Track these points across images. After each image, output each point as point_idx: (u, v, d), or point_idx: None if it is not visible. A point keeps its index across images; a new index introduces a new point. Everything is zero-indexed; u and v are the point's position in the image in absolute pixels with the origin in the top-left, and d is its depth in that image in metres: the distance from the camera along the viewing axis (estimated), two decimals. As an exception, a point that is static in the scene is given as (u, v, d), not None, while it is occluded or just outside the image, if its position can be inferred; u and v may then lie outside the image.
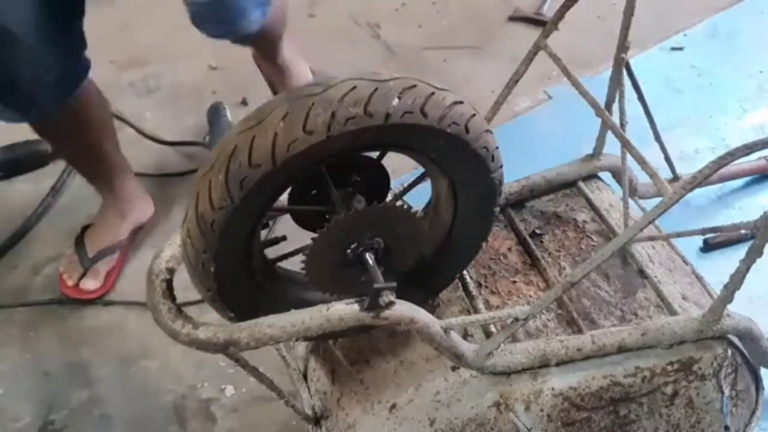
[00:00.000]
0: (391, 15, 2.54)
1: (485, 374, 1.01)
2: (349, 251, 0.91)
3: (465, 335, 1.08)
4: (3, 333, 1.71)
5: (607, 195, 1.34)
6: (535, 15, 2.48)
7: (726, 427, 1.14)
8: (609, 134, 1.29)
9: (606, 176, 1.40)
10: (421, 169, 1.00)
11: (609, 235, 1.25)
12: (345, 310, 0.88)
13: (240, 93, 2.21)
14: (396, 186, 1.06)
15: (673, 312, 1.11)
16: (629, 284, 1.16)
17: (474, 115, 0.87)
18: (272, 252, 1.00)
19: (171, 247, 1.03)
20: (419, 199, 1.06)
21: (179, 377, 1.59)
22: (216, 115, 2.11)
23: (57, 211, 1.97)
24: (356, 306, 0.88)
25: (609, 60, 1.24)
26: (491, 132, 0.91)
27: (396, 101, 0.80)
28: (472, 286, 1.16)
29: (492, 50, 2.33)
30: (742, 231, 0.94)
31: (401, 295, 0.90)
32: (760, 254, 0.92)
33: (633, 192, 1.40)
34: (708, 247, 1.69)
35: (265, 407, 1.49)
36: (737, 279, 0.95)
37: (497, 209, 1.01)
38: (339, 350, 1.15)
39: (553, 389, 1.02)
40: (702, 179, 0.84)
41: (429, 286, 1.09)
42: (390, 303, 0.87)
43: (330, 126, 0.78)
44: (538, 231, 1.27)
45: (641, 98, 1.28)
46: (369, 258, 0.91)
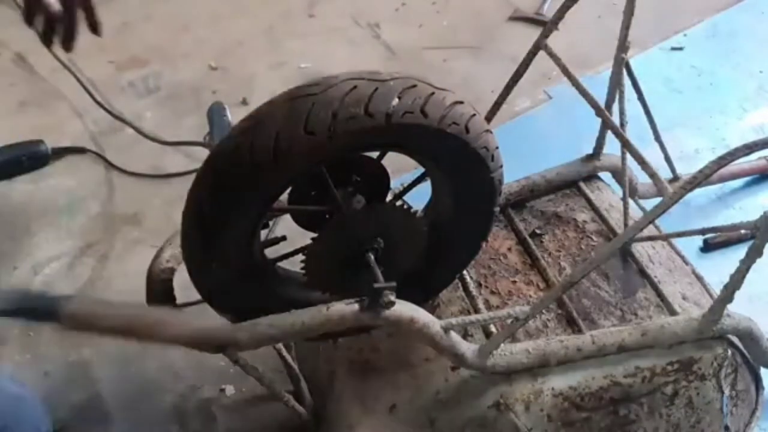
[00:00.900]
0: (391, 15, 2.54)
1: (485, 374, 1.01)
2: (349, 251, 0.91)
3: (465, 335, 1.08)
4: (3, 333, 1.71)
5: (607, 195, 1.34)
6: (535, 15, 2.48)
7: (726, 427, 1.13)
8: (609, 134, 1.29)
9: (606, 176, 1.40)
10: (421, 169, 1.00)
11: (609, 235, 1.25)
12: (345, 310, 0.88)
13: (240, 93, 2.21)
14: (396, 186, 1.06)
15: (673, 312, 1.11)
16: (629, 284, 1.16)
17: (474, 115, 0.87)
18: (272, 252, 1.00)
19: (171, 247, 1.04)
20: (419, 199, 1.06)
21: (179, 377, 1.58)
22: (216, 115, 2.10)
23: (57, 211, 1.97)
24: (356, 306, 0.88)
25: (609, 60, 1.24)
26: (491, 132, 0.91)
27: (396, 101, 0.79)
28: (472, 286, 1.16)
29: (492, 50, 2.33)
30: (742, 231, 0.94)
31: (401, 295, 0.90)
32: (760, 254, 0.92)
33: (633, 192, 1.40)
34: (708, 247, 1.69)
35: (265, 407, 1.49)
36: (737, 279, 0.95)
37: (497, 208, 1.01)
38: (339, 350, 1.15)
39: (553, 389, 1.02)
40: (702, 179, 0.84)
41: (429, 286, 1.09)
42: (390, 303, 0.87)
43: (331, 126, 0.77)
44: (538, 231, 1.27)
45: (641, 98, 1.28)
46: (369, 258, 0.91)
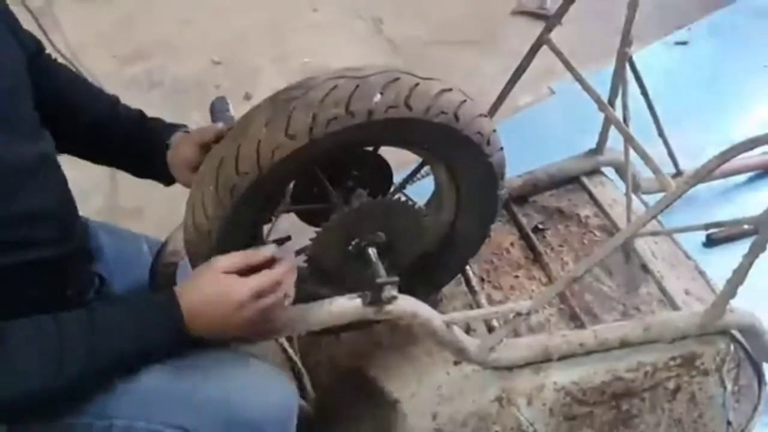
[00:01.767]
0: (394, 10, 2.54)
1: (487, 369, 1.01)
2: (351, 246, 0.91)
3: (467, 330, 1.08)
4: None
5: (610, 190, 1.34)
6: (539, 10, 2.48)
7: (728, 422, 1.14)
8: (612, 129, 1.29)
9: (609, 171, 1.40)
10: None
11: (612, 230, 1.24)
12: (348, 305, 0.88)
13: (243, 87, 2.21)
14: (398, 181, 1.06)
15: (676, 307, 1.11)
16: (632, 279, 1.16)
17: (464, 101, 0.85)
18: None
19: (174, 242, 1.04)
20: (424, 193, 1.06)
21: (182, 371, 1.59)
22: (219, 110, 2.10)
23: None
24: (359, 301, 0.88)
25: (612, 55, 1.24)
26: (486, 116, 0.88)
27: (378, 97, 0.78)
28: (475, 281, 1.16)
29: (495, 45, 2.33)
30: (745, 226, 0.94)
31: (404, 290, 0.90)
32: (763, 249, 0.92)
33: (636, 187, 1.40)
34: (711, 243, 1.69)
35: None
36: (740, 274, 0.95)
37: (501, 192, 0.99)
38: (342, 345, 1.15)
39: (556, 384, 1.02)
40: (705, 174, 0.84)
41: (432, 281, 1.09)
42: (392, 298, 0.87)
43: (312, 129, 0.76)
44: (541, 226, 1.27)
45: (644, 93, 1.28)
46: (371, 253, 0.91)
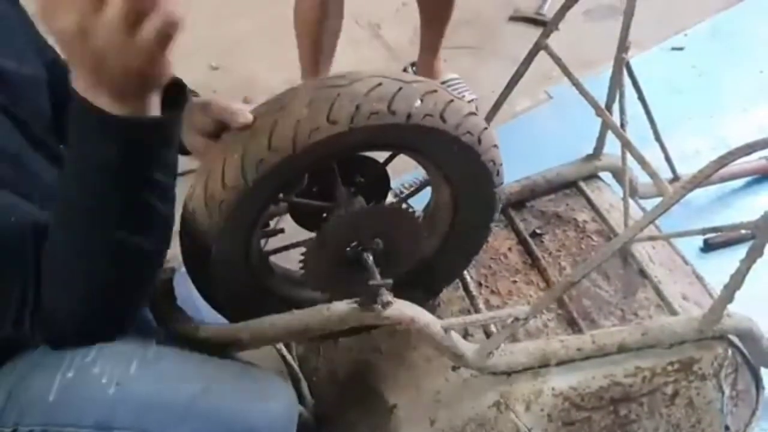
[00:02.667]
0: (392, 15, 2.54)
1: (485, 374, 1.01)
2: (349, 249, 0.91)
3: (465, 335, 1.08)
4: None
5: (608, 195, 1.34)
6: (536, 15, 2.48)
7: (726, 427, 1.13)
8: (609, 134, 1.29)
9: (606, 176, 1.40)
10: (420, 173, 1.00)
11: (609, 235, 1.25)
12: (346, 310, 0.88)
13: (241, 93, 2.21)
14: (396, 187, 1.06)
15: (674, 312, 1.11)
16: (630, 284, 1.16)
17: (486, 129, 0.88)
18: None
19: (171, 247, 1.04)
20: (418, 201, 1.06)
21: (180, 377, 1.58)
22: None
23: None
24: (356, 306, 0.88)
25: (609, 60, 1.24)
26: (498, 147, 0.92)
27: (418, 102, 0.81)
28: (473, 286, 1.16)
29: (492, 50, 2.33)
30: (743, 231, 0.94)
31: (402, 295, 0.90)
32: (761, 254, 0.92)
33: (633, 192, 1.40)
34: (708, 247, 1.69)
35: (266, 407, 1.49)
36: (737, 279, 0.95)
37: (493, 224, 1.01)
38: (339, 350, 1.15)
39: (554, 389, 1.02)
40: (702, 179, 0.84)
41: (430, 286, 1.09)
42: (387, 303, 0.87)
43: (353, 118, 0.78)
44: (539, 231, 1.27)
45: (641, 98, 1.28)
46: (367, 257, 0.91)
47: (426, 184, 1.04)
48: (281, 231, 1.03)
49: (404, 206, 0.95)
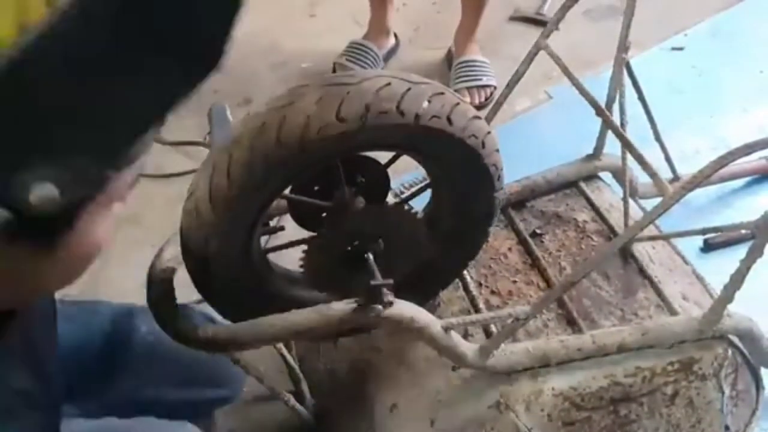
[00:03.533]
0: (393, 15, 2.54)
1: (485, 374, 1.01)
2: (350, 249, 0.91)
3: (465, 335, 1.08)
4: None
5: (608, 195, 1.34)
6: (536, 15, 2.48)
7: (726, 427, 1.13)
8: (609, 134, 1.29)
9: (606, 176, 1.40)
10: (420, 174, 1.00)
11: (609, 235, 1.25)
12: (346, 310, 0.88)
13: (241, 92, 2.21)
14: (395, 187, 1.06)
15: (674, 312, 1.11)
16: (630, 284, 1.16)
17: (489, 132, 0.88)
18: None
19: (171, 247, 1.04)
20: (416, 202, 1.06)
21: (180, 377, 1.59)
22: (217, 116, 2.10)
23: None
24: (357, 306, 0.88)
25: (609, 60, 1.24)
26: (499, 152, 0.92)
27: (426, 104, 0.81)
28: (473, 286, 1.16)
29: (492, 50, 2.33)
30: (743, 231, 0.94)
31: (401, 296, 0.90)
32: (761, 254, 0.92)
33: (633, 192, 1.40)
34: (708, 247, 1.69)
35: (266, 407, 1.49)
36: (738, 279, 0.95)
37: (491, 229, 1.02)
38: (339, 350, 1.15)
39: (554, 389, 1.02)
40: (702, 179, 0.84)
41: (430, 286, 1.09)
42: (389, 303, 0.87)
43: (363, 117, 0.78)
44: (539, 231, 1.27)
45: (641, 98, 1.28)
46: (368, 257, 0.91)
47: (427, 186, 1.04)
48: (281, 229, 1.03)
49: (406, 207, 0.95)
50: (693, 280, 1.22)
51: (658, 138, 1.37)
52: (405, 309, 0.90)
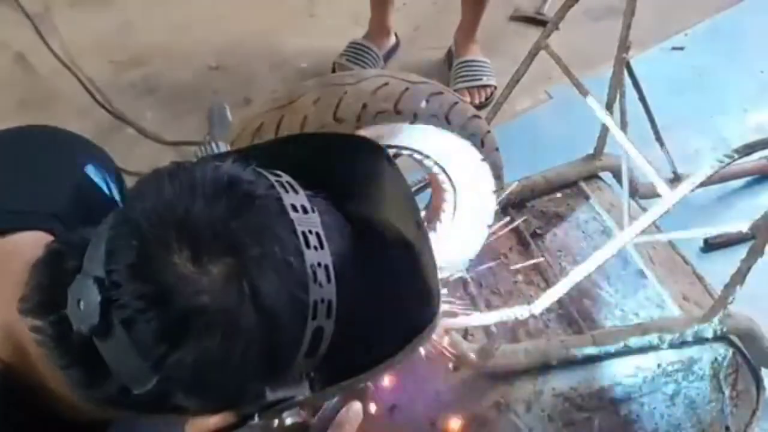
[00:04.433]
0: (393, 14, 2.54)
1: (486, 374, 1.01)
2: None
3: (466, 335, 1.07)
4: None
5: (608, 195, 1.34)
6: (536, 15, 2.48)
7: (726, 427, 1.13)
8: (610, 134, 1.29)
9: (607, 176, 1.40)
10: (420, 173, 1.00)
11: (610, 235, 1.24)
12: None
13: (240, 92, 2.21)
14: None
15: (674, 312, 1.10)
16: (630, 284, 1.16)
17: (489, 132, 0.88)
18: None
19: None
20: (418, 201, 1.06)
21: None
22: (217, 115, 2.10)
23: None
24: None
25: (610, 60, 1.24)
26: (499, 150, 0.92)
27: (424, 103, 0.81)
28: (473, 286, 1.15)
29: (493, 50, 2.33)
30: (743, 231, 0.94)
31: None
32: (761, 254, 0.92)
33: (634, 192, 1.40)
34: (709, 247, 1.69)
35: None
36: (738, 279, 0.95)
37: (490, 224, 1.01)
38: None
39: (554, 389, 1.02)
40: (703, 179, 0.84)
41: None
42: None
43: (360, 117, 0.78)
44: (539, 231, 1.27)
45: (642, 98, 1.28)
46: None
47: (427, 185, 1.04)
48: None
49: None
50: (693, 280, 1.22)
51: (659, 138, 1.37)
52: (405, 309, 0.90)
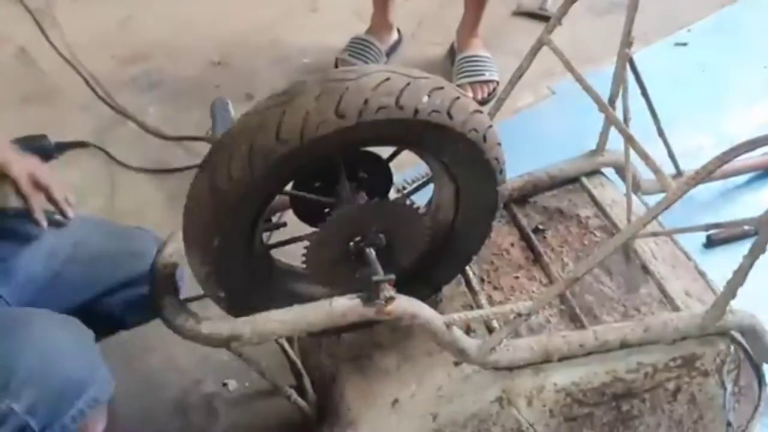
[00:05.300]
0: (395, 10, 2.54)
1: (488, 369, 1.01)
2: (351, 244, 0.91)
3: (467, 331, 1.08)
4: None
5: (610, 191, 1.34)
6: (539, 10, 2.48)
7: (728, 423, 1.14)
8: (612, 130, 1.29)
9: (609, 172, 1.39)
10: (422, 167, 1.00)
11: (612, 231, 1.24)
12: (348, 305, 0.88)
13: (242, 87, 2.21)
14: (398, 181, 1.06)
15: (676, 308, 1.10)
16: (632, 280, 1.16)
17: (491, 126, 0.88)
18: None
19: (174, 242, 1.04)
20: (419, 197, 1.06)
21: (182, 372, 1.59)
22: (219, 110, 2.10)
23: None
24: (359, 301, 0.88)
25: (612, 55, 1.24)
26: (501, 145, 0.92)
27: (426, 98, 0.81)
28: (475, 282, 1.16)
29: (495, 45, 2.33)
30: (746, 227, 0.94)
31: (404, 291, 0.90)
32: (764, 250, 0.92)
33: (636, 188, 1.40)
34: (711, 244, 1.69)
35: (268, 402, 1.49)
36: (740, 275, 0.95)
37: (493, 222, 1.02)
38: (342, 345, 1.15)
39: (556, 385, 1.02)
40: (705, 175, 0.84)
41: (432, 281, 1.09)
42: (390, 299, 0.87)
43: (361, 112, 0.78)
44: (541, 226, 1.27)
45: (645, 93, 1.28)
46: (370, 252, 0.91)
47: (429, 181, 1.04)
48: (284, 225, 1.03)
49: (408, 202, 0.95)
50: (696, 276, 1.22)
51: (661, 133, 1.36)
52: (406, 304, 0.90)
